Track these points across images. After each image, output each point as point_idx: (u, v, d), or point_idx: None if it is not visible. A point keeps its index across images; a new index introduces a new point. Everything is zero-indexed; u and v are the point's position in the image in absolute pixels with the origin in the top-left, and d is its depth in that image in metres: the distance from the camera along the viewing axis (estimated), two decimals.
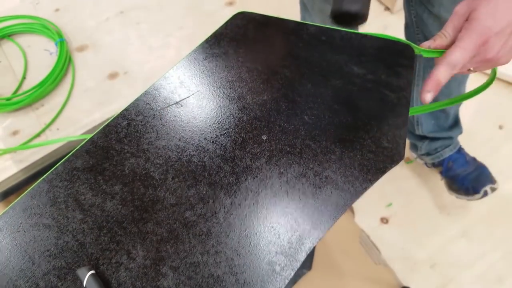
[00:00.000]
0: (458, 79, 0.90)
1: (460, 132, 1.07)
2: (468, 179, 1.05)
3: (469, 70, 0.46)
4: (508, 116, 1.29)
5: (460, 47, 0.42)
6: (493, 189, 1.03)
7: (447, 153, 1.08)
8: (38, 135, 1.24)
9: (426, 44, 0.46)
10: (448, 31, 0.44)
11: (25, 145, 1.22)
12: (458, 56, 0.42)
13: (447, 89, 0.91)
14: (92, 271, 0.35)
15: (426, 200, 1.17)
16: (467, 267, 1.06)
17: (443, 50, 0.45)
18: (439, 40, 0.45)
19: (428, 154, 1.11)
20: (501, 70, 1.33)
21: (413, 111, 0.57)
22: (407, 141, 1.14)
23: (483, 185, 1.03)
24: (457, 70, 0.43)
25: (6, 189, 1.11)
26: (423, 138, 1.08)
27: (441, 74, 0.44)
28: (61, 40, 1.39)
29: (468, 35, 0.42)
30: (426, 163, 1.17)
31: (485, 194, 1.03)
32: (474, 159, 1.11)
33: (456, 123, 1.04)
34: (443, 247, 1.08)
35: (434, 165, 1.14)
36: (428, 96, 0.44)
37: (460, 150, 1.11)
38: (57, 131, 1.26)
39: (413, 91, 0.98)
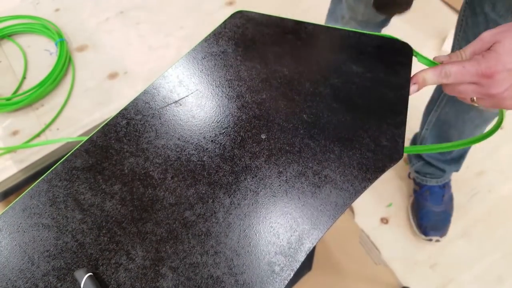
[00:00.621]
0: (475, 122, 0.88)
1: (456, 170, 1.06)
2: (428, 218, 1.07)
3: (472, 100, 0.43)
4: (508, 116, 1.29)
5: (462, 64, 0.40)
6: (437, 241, 1.07)
7: (431, 183, 1.08)
8: (38, 135, 1.24)
9: (441, 58, 0.44)
10: (466, 52, 0.42)
11: (26, 144, 1.22)
12: (454, 69, 0.41)
13: (460, 128, 0.90)
14: (90, 273, 0.35)
15: None
16: (467, 267, 1.06)
17: (435, 63, 0.44)
18: (454, 58, 0.43)
19: (416, 171, 1.11)
20: None
21: (413, 150, 0.56)
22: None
23: (435, 233, 1.06)
24: (448, 81, 0.41)
25: (6, 189, 1.11)
26: (419, 157, 1.08)
27: (428, 74, 0.42)
28: (61, 40, 1.39)
29: (477, 60, 0.40)
30: (409, 174, 1.17)
31: (430, 240, 1.07)
32: (450, 198, 1.11)
33: (457, 161, 1.04)
34: (443, 247, 1.08)
35: (414, 181, 1.14)
36: (412, 88, 0.44)
37: (445, 186, 1.10)
38: (57, 131, 1.26)
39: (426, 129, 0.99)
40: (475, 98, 0.42)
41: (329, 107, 0.45)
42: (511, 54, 0.38)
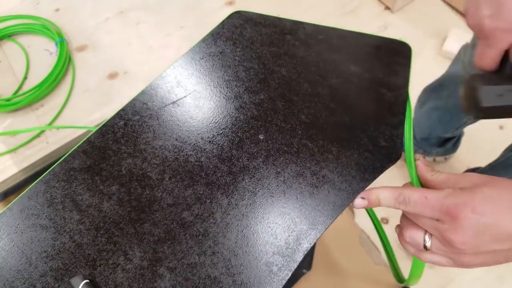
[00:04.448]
0: None
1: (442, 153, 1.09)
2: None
3: (424, 246, 0.34)
4: None
5: (425, 193, 0.33)
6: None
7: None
8: (37, 135, 1.24)
9: (423, 161, 0.38)
10: (443, 175, 0.36)
11: (51, 125, 1.24)
12: (414, 197, 0.34)
13: None
14: (86, 281, 0.35)
15: None
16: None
17: (411, 160, 0.39)
18: (429, 171, 0.37)
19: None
20: None
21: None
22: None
23: None
24: (405, 209, 0.35)
25: (6, 189, 1.11)
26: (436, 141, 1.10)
27: (384, 194, 0.36)
28: (61, 40, 1.39)
29: (445, 193, 0.32)
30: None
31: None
32: None
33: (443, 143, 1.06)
34: None
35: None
36: (359, 202, 0.38)
37: None
38: (57, 131, 1.26)
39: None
40: (428, 239, 0.34)
41: (327, 107, 0.45)
42: (487, 203, 0.31)
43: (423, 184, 0.38)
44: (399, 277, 0.53)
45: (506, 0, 0.34)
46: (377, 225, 0.46)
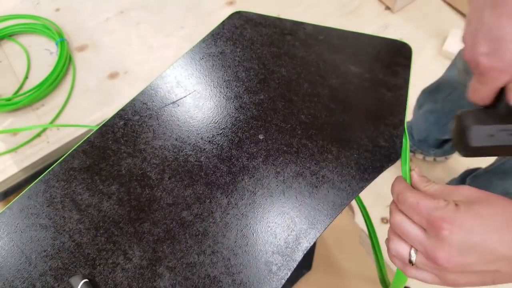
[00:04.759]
0: None
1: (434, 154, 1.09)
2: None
3: (410, 261, 0.34)
4: None
5: (418, 198, 0.33)
6: None
7: None
8: (38, 135, 1.24)
9: (417, 171, 0.38)
10: (436, 187, 0.35)
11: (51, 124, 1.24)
12: (409, 200, 0.33)
13: None
14: (85, 280, 0.35)
15: None
16: None
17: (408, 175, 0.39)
18: (423, 181, 0.37)
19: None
20: None
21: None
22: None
23: None
24: (400, 208, 0.35)
25: (6, 189, 1.11)
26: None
27: (394, 185, 0.37)
28: (61, 40, 1.39)
29: (436, 204, 0.32)
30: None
31: None
32: None
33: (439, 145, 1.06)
34: None
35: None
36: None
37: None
38: (57, 131, 1.26)
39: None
40: (413, 254, 0.33)
41: (327, 107, 0.45)
42: (477, 221, 0.30)
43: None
44: (384, 282, 0.53)
45: (504, 39, 0.33)
46: (369, 226, 0.47)
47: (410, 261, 0.33)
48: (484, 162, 1.13)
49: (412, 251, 0.33)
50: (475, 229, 0.30)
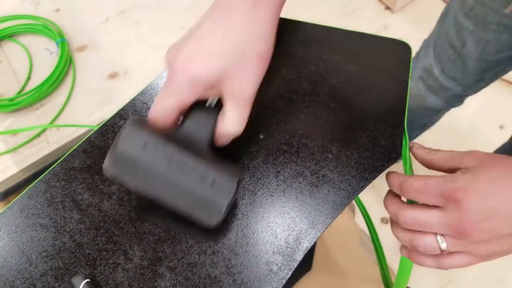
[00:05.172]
0: None
1: None
2: None
3: (440, 248, 0.32)
4: (509, 116, 1.29)
5: (425, 180, 0.32)
6: None
7: None
8: (38, 135, 1.24)
9: (416, 146, 0.39)
10: (447, 154, 0.35)
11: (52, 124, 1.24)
12: (415, 185, 0.33)
13: None
14: (87, 280, 0.35)
15: None
16: (467, 267, 1.05)
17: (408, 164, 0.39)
18: (428, 152, 0.37)
19: None
20: None
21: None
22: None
23: None
24: (408, 197, 0.35)
25: (6, 189, 1.12)
26: None
27: (392, 178, 0.37)
28: (62, 40, 1.39)
29: (444, 178, 0.31)
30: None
31: None
32: None
33: None
34: None
35: None
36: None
37: None
38: (57, 131, 1.26)
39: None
40: (441, 239, 0.32)
41: (327, 107, 0.45)
42: (490, 184, 0.30)
43: (429, 167, 0.37)
44: (387, 283, 0.53)
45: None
46: (370, 226, 0.47)
47: (441, 250, 0.32)
48: None
49: (439, 237, 0.32)
50: (491, 193, 0.30)
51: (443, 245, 0.32)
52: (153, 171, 0.31)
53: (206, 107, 0.35)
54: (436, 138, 1.24)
